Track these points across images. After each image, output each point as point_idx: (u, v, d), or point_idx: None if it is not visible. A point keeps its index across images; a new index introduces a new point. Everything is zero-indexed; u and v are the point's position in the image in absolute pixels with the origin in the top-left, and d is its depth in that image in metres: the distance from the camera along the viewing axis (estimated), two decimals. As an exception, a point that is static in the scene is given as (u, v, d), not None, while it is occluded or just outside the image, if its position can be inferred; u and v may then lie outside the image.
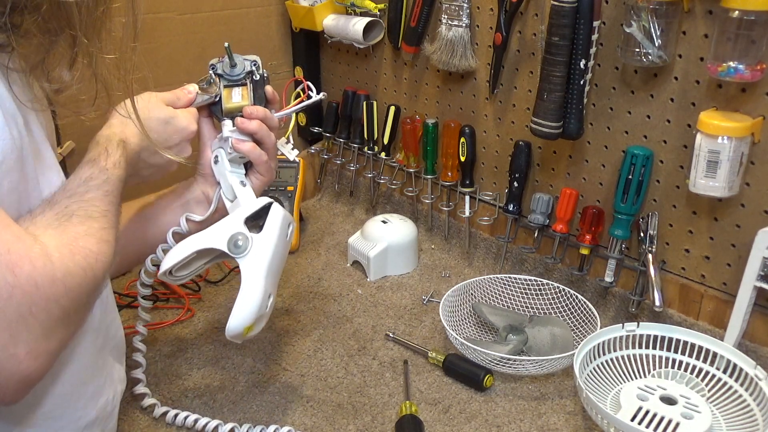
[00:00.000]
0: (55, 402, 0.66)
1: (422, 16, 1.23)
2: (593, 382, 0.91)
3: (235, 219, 0.82)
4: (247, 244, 0.80)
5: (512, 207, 1.19)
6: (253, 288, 0.78)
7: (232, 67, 0.88)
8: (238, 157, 0.87)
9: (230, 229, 0.81)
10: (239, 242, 0.80)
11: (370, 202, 1.47)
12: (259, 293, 0.78)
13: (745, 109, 0.89)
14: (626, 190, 1.00)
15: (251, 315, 0.78)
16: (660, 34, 0.90)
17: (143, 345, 0.93)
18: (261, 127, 0.87)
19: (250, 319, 0.78)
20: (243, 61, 0.89)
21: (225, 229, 0.81)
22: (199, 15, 1.38)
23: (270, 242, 0.81)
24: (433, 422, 0.89)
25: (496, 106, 1.20)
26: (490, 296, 1.13)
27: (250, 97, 0.88)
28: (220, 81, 0.88)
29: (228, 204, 0.88)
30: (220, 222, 0.83)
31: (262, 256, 0.80)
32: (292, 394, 0.94)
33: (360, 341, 1.06)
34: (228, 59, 0.88)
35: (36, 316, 0.52)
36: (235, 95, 0.88)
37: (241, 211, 0.83)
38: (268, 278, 0.80)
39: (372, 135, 1.40)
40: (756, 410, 0.84)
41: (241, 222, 0.82)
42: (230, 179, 0.87)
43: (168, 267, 0.82)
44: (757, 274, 0.89)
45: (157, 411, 0.89)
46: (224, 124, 0.87)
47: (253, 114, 0.87)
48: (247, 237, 0.80)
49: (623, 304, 1.08)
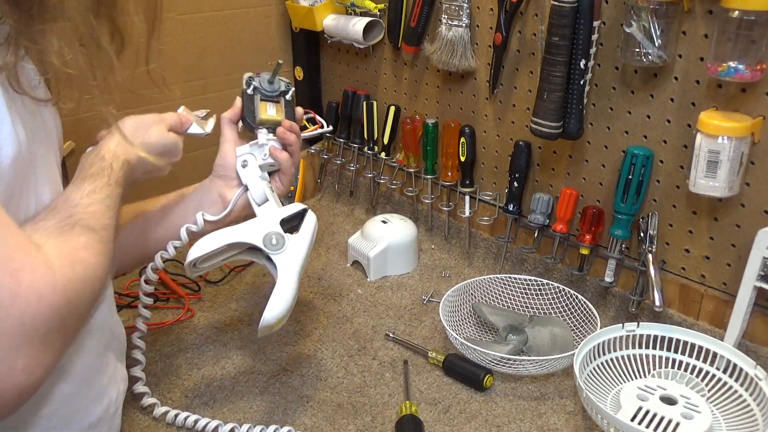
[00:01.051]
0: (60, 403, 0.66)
1: (422, 16, 1.23)
2: (593, 382, 0.91)
3: (271, 219, 0.88)
4: (283, 242, 0.86)
5: (512, 207, 1.19)
6: (288, 283, 0.84)
7: (270, 83, 0.96)
8: (269, 165, 0.94)
9: (266, 228, 0.87)
10: (274, 240, 0.86)
11: (370, 202, 1.47)
12: (292, 288, 0.85)
13: (745, 109, 0.89)
14: (626, 190, 1.00)
15: (286, 307, 0.83)
16: (660, 34, 0.90)
17: (142, 342, 0.93)
18: (296, 141, 0.95)
19: (285, 311, 0.84)
20: (279, 81, 0.98)
21: (261, 226, 0.87)
22: (199, 15, 1.38)
23: (304, 243, 0.88)
24: (433, 422, 0.89)
25: (496, 106, 1.20)
26: (490, 296, 1.13)
27: (284, 113, 0.97)
28: (256, 94, 0.96)
29: (255, 207, 0.92)
30: (254, 220, 0.89)
31: (298, 255, 0.86)
32: (292, 394, 0.94)
33: (360, 341, 1.06)
34: (265, 75, 0.96)
35: (36, 326, 0.51)
36: (270, 109, 0.96)
37: (277, 212, 0.89)
38: (299, 276, 0.86)
39: (372, 135, 1.40)
40: (756, 410, 0.84)
41: (277, 222, 0.87)
42: (262, 184, 0.93)
43: (198, 256, 0.86)
44: (757, 274, 0.89)
45: (157, 411, 0.89)
46: (260, 132, 0.94)
47: (293, 128, 0.95)
48: (283, 236, 0.86)
49: (623, 304, 1.08)
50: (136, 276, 1.20)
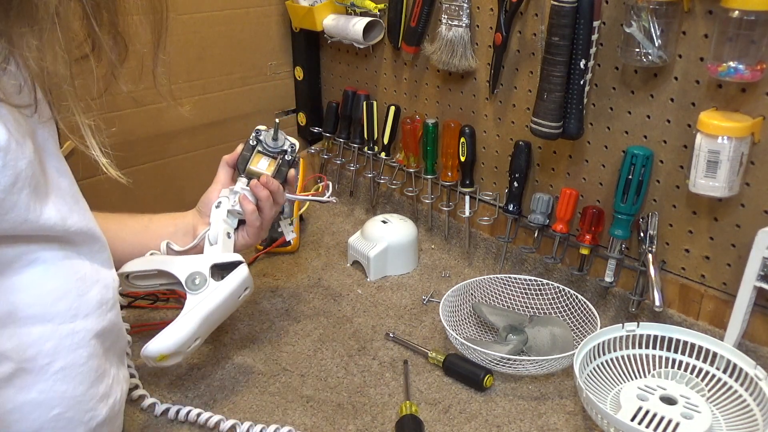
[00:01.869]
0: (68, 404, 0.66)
1: (422, 16, 1.23)
2: (593, 382, 0.91)
3: (204, 260, 0.90)
4: (203, 284, 0.87)
5: (512, 207, 1.19)
6: (185, 325, 0.84)
7: (274, 140, 1.00)
8: (237, 212, 0.97)
9: (196, 266, 0.88)
10: (197, 280, 0.88)
11: (370, 202, 1.47)
12: (188, 332, 0.84)
13: (745, 109, 0.89)
14: (626, 190, 1.00)
15: (171, 347, 0.83)
16: (660, 34, 0.90)
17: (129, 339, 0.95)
18: (268, 198, 0.97)
19: (168, 350, 0.83)
20: (284, 140, 1.01)
21: (192, 264, 0.89)
22: (199, 15, 1.38)
23: (222, 294, 0.87)
24: (433, 422, 0.89)
25: (496, 106, 1.20)
26: (490, 296, 1.13)
27: (274, 170, 1.00)
28: (257, 145, 1.00)
29: (207, 246, 0.95)
30: (192, 256, 0.91)
31: (209, 302, 0.86)
32: (292, 394, 0.94)
33: (360, 341, 1.06)
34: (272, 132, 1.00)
35: None
36: (262, 163, 1.00)
37: (213, 256, 0.91)
38: (203, 323, 0.86)
39: (372, 135, 1.41)
40: (756, 410, 0.84)
41: (208, 265, 0.89)
42: (220, 227, 0.95)
43: (129, 270, 0.90)
44: (757, 274, 0.89)
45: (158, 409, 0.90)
46: (240, 180, 0.99)
47: (268, 184, 0.97)
48: (206, 279, 0.88)
49: (623, 304, 1.08)
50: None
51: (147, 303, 1.15)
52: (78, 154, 1.21)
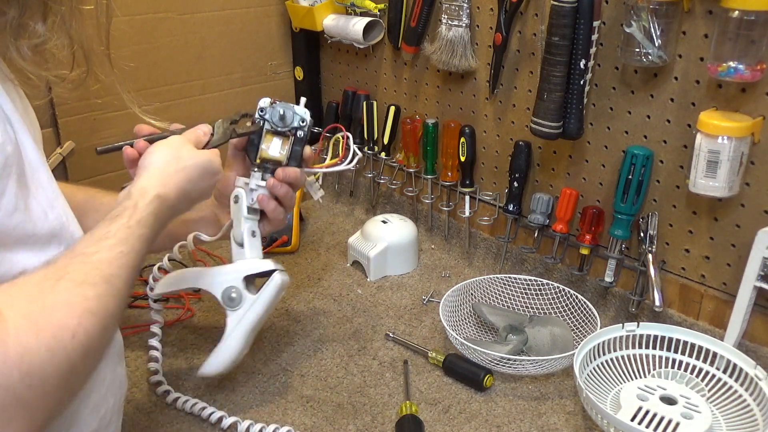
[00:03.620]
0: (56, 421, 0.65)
1: (422, 16, 1.23)
2: (593, 382, 0.91)
3: (236, 272, 0.88)
4: (240, 300, 0.87)
5: (512, 207, 1.19)
6: (234, 343, 0.87)
7: (281, 119, 0.91)
8: (255, 209, 0.91)
9: (229, 281, 0.87)
10: (233, 295, 0.87)
11: (370, 202, 1.47)
12: (237, 349, 0.87)
13: (745, 109, 0.89)
14: (626, 190, 1.00)
15: (226, 365, 0.87)
16: (660, 34, 0.90)
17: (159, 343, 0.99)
18: (288, 191, 0.90)
19: (224, 369, 0.87)
20: (293, 115, 0.91)
21: (224, 277, 0.88)
22: (199, 15, 1.38)
23: (261, 307, 0.87)
24: (433, 422, 0.89)
25: (496, 106, 1.20)
26: (490, 296, 1.13)
27: (287, 153, 0.91)
28: (265, 125, 0.91)
29: (234, 247, 0.91)
30: (221, 268, 0.90)
31: (250, 317, 0.87)
32: (292, 394, 0.94)
33: (360, 341, 1.06)
34: (279, 108, 0.90)
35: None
36: (274, 146, 0.91)
37: (245, 266, 0.89)
38: (249, 337, 0.88)
39: (372, 135, 1.40)
40: (756, 410, 0.84)
41: (241, 278, 0.87)
42: (244, 225, 0.90)
43: (161, 292, 0.94)
44: (757, 274, 0.89)
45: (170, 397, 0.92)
46: (253, 175, 0.90)
47: (287, 177, 0.89)
48: (242, 294, 0.87)
49: (623, 304, 1.08)
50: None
51: (147, 303, 1.15)
52: (78, 154, 1.21)
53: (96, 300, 0.54)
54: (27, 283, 0.52)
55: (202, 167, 0.78)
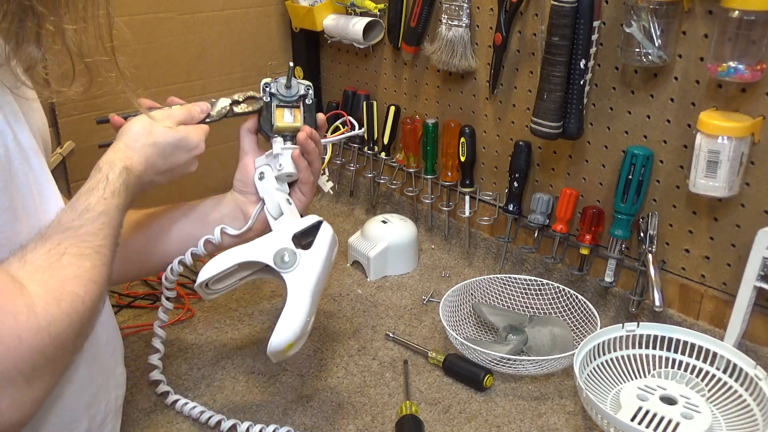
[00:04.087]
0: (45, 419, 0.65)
1: (422, 16, 1.23)
2: (593, 382, 0.91)
3: (283, 234, 0.82)
4: (294, 259, 0.80)
5: (512, 207, 1.19)
6: (299, 305, 0.78)
7: (288, 88, 0.90)
8: (285, 175, 0.89)
9: (277, 244, 0.81)
10: (286, 257, 0.80)
11: (370, 202, 1.47)
12: (303, 312, 0.78)
13: (745, 109, 0.89)
14: (626, 190, 1.00)
15: (294, 334, 0.77)
16: (660, 34, 0.90)
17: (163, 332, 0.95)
18: (315, 150, 0.89)
19: (293, 336, 0.77)
20: (297, 84, 0.91)
21: (271, 243, 0.81)
22: (199, 15, 1.38)
23: (318, 260, 0.81)
24: (433, 422, 0.89)
25: (496, 106, 1.20)
26: (490, 296, 1.13)
27: (302, 119, 0.91)
28: (273, 101, 0.90)
29: (272, 221, 0.88)
30: (266, 236, 0.84)
31: (310, 273, 0.80)
32: (292, 394, 0.94)
33: (360, 341, 1.06)
34: (283, 80, 0.90)
35: (19, 368, 0.52)
36: (287, 116, 0.90)
37: (290, 226, 0.83)
38: (313, 297, 0.80)
39: (372, 135, 1.40)
40: (756, 410, 0.84)
41: (289, 238, 0.81)
42: (277, 196, 0.88)
43: (207, 278, 0.82)
44: (757, 274, 0.89)
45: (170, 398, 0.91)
46: (275, 141, 0.89)
47: (313, 135, 0.89)
48: (295, 253, 0.80)
49: (623, 304, 1.08)
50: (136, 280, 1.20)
51: (147, 303, 1.15)
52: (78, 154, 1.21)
53: (93, 270, 0.61)
54: (35, 260, 0.58)
55: (174, 143, 0.79)
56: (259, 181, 0.89)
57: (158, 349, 0.95)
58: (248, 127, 0.92)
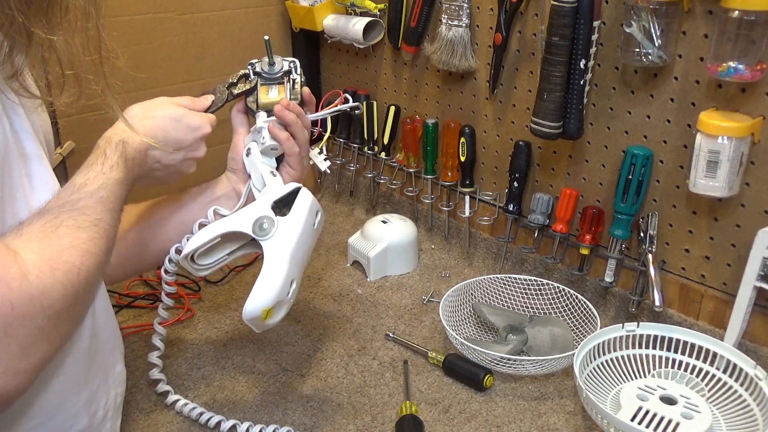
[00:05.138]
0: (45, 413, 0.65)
1: (422, 16, 1.23)
2: (593, 382, 0.91)
3: (262, 203, 0.82)
4: (272, 226, 0.79)
5: (512, 207, 1.19)
6: (274, 271, 0.77)
7: (271, 65, 0.91)
8: (270, 148, 0.89)
9: (256, 213, 0.81)
10: (264, 225, 0.80)
11: (370, 202, 1.47)
12: (280, 277, 0.77)
13: (745, 109, 0.89)
14: (626, 190, 1.00)
15: (270, 298, 0.76)
16: (660, 34, 0.90)
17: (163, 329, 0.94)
18: (297, 121, 0.89)
19: (268, 302, 0.76)
20: (281, 61, 0.92)
21: (251, 212, 0.81)
22: (199, 15, 1.38)
23: (296, 226, 0.80)
24: (433, 422, 0.89)
25: (496, 106, 1.20)
26: (490, 296, 1.13)
27: (287, 95, 0.91)
28: (258, 78, 0.91)
29: (257, 194, 0.88)
30: (247, 206, 0.84)
31: (287, 239, 0.79)
32: (292, 394, 0.94)
33: (360, 341, 1.06)
34: (267, 57, 0.91)
35: (12, 335, 0.52)
36: (272, 92, 0.91)
37: (269, 195, 0.83)
38: (291, 263, 0.79)
39: (372, 135, 1.40)
40: (756, 410, 0.84)
41: (268, 206, 0.81)
42: (261, 168, 0.88)
43: (190, 250, 0.82)
44: (757, 274, 0.89)
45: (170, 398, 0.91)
46: (258, 115, 0.90)
47: (290, 106, 0.89)
48: (273, 220, 0.80)
49: (623, 304, 1.08)
50: (136, 276, 1.20)
51: (147, 303, 1.15)
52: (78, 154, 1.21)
53: (91, 242, 0.62)
54: (31, 231, 0.58)
55: (175, 118, 0.82)
56: (246, 158, 0.90)
57: (158, 347, 0.95)
58: (238, 107, 0.94)
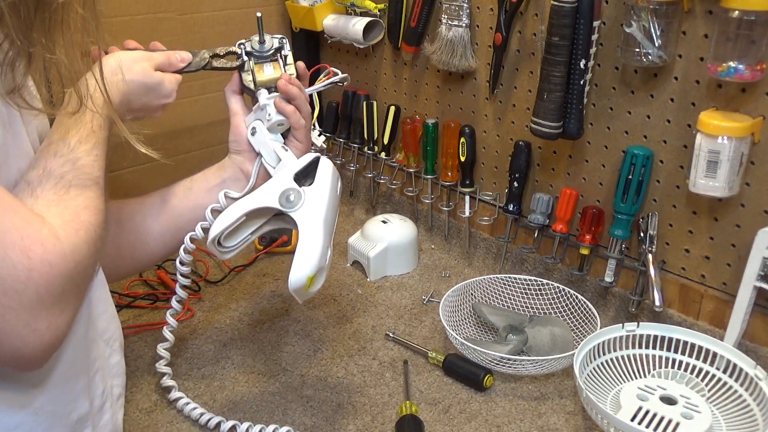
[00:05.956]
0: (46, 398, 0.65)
1: (422, 16, 1.23)
2: (593, 382, 0.91)
3: (284, 176, 0.83)
4: (299, 197, 0.80)
5: (512, 207, 1.19)
6: (311, 239, 0.78)
7: (261, 43, 0.91)
8: (277, 124, 0.89)
9: (281, 186, 0.81)
10: (291, 197, 0.80)
11: (370, 202, 1.47)
12: (318, 244, 0.78)
13: (745, 109, 0.89)
14: (626, 190, 1.00)
15: (313, 266, 0.77)
16: (660, 34, 0.90)
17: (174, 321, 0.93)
18: (299, 94, 0.90)
19: (311, 270, 0.77)
20: (271, 39, 0.92)
21: (275, 187, 0.82)
22: (199, 15, 1.38)
23: (323, 194, 0.82)
24: (433, 422, 0.89)
25: (496, 106, 1.20)
26: (490, 296, 1.13)
27: (283, 70, 0.92)
28: (251, 59, 0.91)
29: (271, 170, 0.89)
30: (268, 182, 0.84)
31: (318, 206, 0.80)
32: (292, 394, 0.94)
33: (360, 341, 1.06)
34: (256, 37, 0.91)
35: (52, 292, 0.56)
36: (267, 69, 0.92)
37: (289, 168, 0.84)
38: (326, 230, 0.80)
39: (372, 135, 1.41)
40: (756, 410, 0.84)
41: (291, 178, 0.82)
42: (272, 145, 0.89)
43: (218, 231, 0.81)
44: (757, 274, 0.89)
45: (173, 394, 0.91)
46: (260, 93, 0.90)
47: (293, 80, 0.90)
48: (299, 191, 0.81)
49: (623, 304, 1.08)
50: (136, 276, 1.20)
51: (147, 303, 1.15)
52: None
53: (97, 199, 0.66)
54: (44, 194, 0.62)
55: (148, 85, 0.82)
56: (252, 137, 0.90)
57: (167, 338, 0.93)
58: (233, 88, 0.93)
